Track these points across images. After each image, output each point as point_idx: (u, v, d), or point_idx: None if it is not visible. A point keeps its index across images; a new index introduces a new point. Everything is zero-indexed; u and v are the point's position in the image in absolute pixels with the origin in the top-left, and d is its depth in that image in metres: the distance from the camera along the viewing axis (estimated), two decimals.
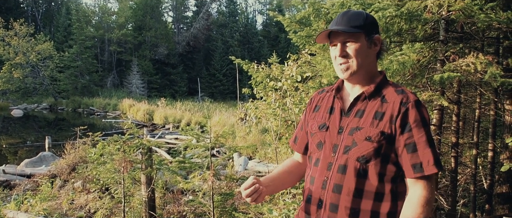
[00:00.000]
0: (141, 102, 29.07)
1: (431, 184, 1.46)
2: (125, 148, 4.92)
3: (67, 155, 8.87)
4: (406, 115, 1.46)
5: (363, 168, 1.48)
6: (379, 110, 1.50)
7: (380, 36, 1.61)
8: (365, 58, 1.55)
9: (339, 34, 1.54)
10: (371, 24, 1.57)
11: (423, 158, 1.44)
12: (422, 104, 1.50)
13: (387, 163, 1.49)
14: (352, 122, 1.53)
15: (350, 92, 1.61)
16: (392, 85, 1.57)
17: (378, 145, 1.46)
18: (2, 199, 7.07)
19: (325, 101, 1.69)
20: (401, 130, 1.46)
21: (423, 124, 1.46)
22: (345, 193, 1.48)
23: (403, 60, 3.08)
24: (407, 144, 1.45)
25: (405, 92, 1.51)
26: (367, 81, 1.58)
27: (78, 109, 33.81)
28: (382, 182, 1.48)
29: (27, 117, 28.07)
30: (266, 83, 4.84)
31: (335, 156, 1.53)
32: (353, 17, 1.54)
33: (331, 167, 1.53)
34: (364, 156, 1.47)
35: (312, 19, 4.21)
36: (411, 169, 1.45)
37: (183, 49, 48.77)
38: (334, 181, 1.51)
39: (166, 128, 20.28)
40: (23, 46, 33.47)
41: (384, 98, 1.52)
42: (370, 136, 1.47)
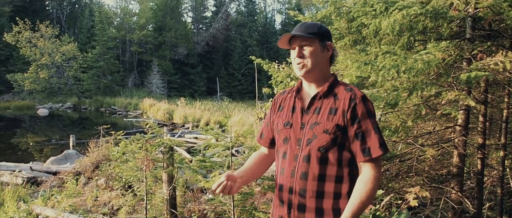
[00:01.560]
0: (161, 101, 29.32)
1: (379, 165, 1.72)
2: (147, 146, 4.93)
3: (91, 153, 8.99)
4: (355, 108, 1.72)
5: (324, 156, 1.73)
6: (333, 106, 1.76)
7: (332, 43, 1.89)
8: (318, 60, 1.82)
9: (297, 39, 1.83)
10: (324, 33, 1.85)
11: (371, 143, 1.70)
12: (368, 99, 1.77)
13: (343, 150, 1.74)
14: (312, 118, 1.79)
15: (308, 91, 1.88)
16: (342, 85, 1.83)
17: (334, 136, 1.72)
18: (30, 195, 7.20)
19: (287, 101, 1.94)
20: (351, 121, 1.72)
21: (369, 115, 1.73)
22: (311, 179, 1.74)
23: (428, 59, 2.98)
24: (357, 133, 1.71)
25: (353, 90, 1.78)
26: (321, 82, 1.84)
27: (101, 108, 34.34)
28: (340, 166, 1.74)
29: (52, 116, 28.65)
30: (286, 83, 4.79)
31: (300, 148, 1.78)
32: (309, 26, 1.84)
33: (297, 158, 1.79)
34: (323, 146, 1.73)
35: (333, 18, 4.14)
36: (361, 153, 1.71)
37: (202, 49, 49.02)
38: (301, 169, 1.77)
39: (185, 127, 20.39)
40: (48, 47, 34.16)
41: (336, 96, 1.78)
42: (327, 128, 1.73)
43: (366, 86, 3.99)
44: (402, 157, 4.30)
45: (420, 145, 3.91)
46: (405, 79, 3.34)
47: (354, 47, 3.93)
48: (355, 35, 3.93)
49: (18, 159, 11.82)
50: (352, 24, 3.81)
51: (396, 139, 3.92)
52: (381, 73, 3.01)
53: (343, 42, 3.95)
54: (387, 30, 3.15)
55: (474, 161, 4.03)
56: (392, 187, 4.22)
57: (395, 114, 3.98)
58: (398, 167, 4.35)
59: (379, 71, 3.04)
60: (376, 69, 3.08)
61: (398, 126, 3.64)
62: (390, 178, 4.31)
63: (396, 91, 3.37)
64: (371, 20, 3.41)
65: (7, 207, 5.86)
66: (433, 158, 4.09)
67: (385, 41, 3.60)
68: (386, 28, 3.15)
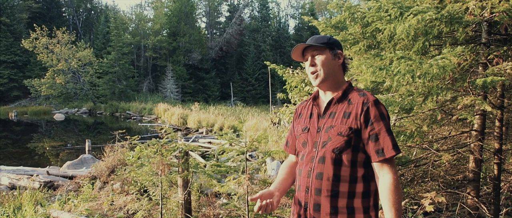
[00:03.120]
0: (175, 106, 29.58)
1: (393, 165, 1.80)
2: (162, 151, 5.00)
3: (106, 158, 9.11)
4: (368, 112, 1.81)
5: (338, 158, 1.82)
6: (347, 110, 1.86)
7: (342, 52, 2.00)
8: (330, 68, 1.93)
9: (309, 49, 1.97)
10: (334, 43, 1.97)
11: (384, 144, 1.78)
12: (380, 103, 1.85)
13: (357, 152, 1.83)
14: (327, 122, 1.90)
15: (323, 99, 2.00)
16: (356, 90, 1.93)
17: (348, 138, 1.81)
18: (47, 199, 7.34)
19: (306, 109, 2.09)
20: (365, 124, 1.81)
21: (381, 118, 1.81)
22: (326, 179, 1.83)
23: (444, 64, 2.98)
24: (371, 135, 1.80)
25: (366, 95, 1.87)
26: (335, 88, 1.96)
27: (116, 113, 34.80)
28: (354, 167, 1.82)
29: (68, 121, 29.13)
30: (301, 88, 4.81)
31: (316, 150, 1.89)
32: (320, 38, 1.97)
33: (313, 159, 1.89)
34: (338, 147, 1.82)
35: (347, 23, 4.16)
36: (375, 154, 1.79)
37: (216, 54, 49.35)
38: (316, 170, 1.86)
39: (199, 132, 20.51)
40: (65, 53, 34.79)
41: (350, 101, 1.89)
42: (341, 131, 1.83)
43: (380, 91, 4.00)
44: (418, 162, 4.28)
45: (436, 150, 3.89)
46: (420, 84, 3.34)
47: (368, 52, 3.94)
48: (369, 40, 3.94)
49: (35, 163, 12.07)
50: (367, 29, 3.83)
51: (411, 144, 3.91)
52: (396, 78, 3.02)
53: (357, 48, 3.96)
54: (402, 35, 3.16)
55: (491, 166, 3.99)
56: (408, 192, 4.21)
57: (410, 119, 3.98)
58: (414, 172, 4.33)
59: (394, 76, 3.05)
60: (391, 74, 3.08)
61: (413, 131, 3.64)
62: (405, 183, 4.30)
63: (411, 96, 3.37)
64: (386, 25, 3.43)
65: (25, 210, 5.99)
66: (449, 163, 4.06)
67: (400, 46, 3.60)
68: (401, 33, 3.16)
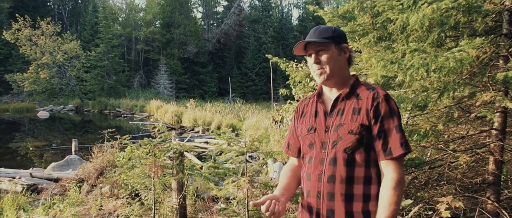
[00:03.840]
0: (169, 103, 29.59)
1: (401, 165, 1.80)
2: (155, 152, 5.00)
3: (95, 159, 9.11)
4: (378, 107, 1.82)
5: (351, 158, 1.82)
6: (356, 106, 1.86)
7: (348, 45, 1.99)
8: (336, 64, 1.93)
9: (313, 45, 1.94)
10: (339, 36, 1.95)
11: (392, 142, 1.79)
12: (391, 98, 1.86)
13: (370, 151, 1.83)
14: (336, 120, 1.89)
15: (329, 95, 1.99)
16: (364, 85, 1.94)
17: (360, 136, 1.81)
18: (30, 203, 7.33)
19: (309, 107, 2.07)
20: (374, 120, 1.81)
21: (392, 114, 1.82)
22: (338, 182, 1.82)
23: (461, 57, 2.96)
24: (379, 132, 1.80)
25: (376, 89, 1.88)
26: (342, 84, 1.96)
27: (105, 110, 34.81)
28: (368, 167, 1.83)
29: (53, 119, 29.14)
30: (305, 83, 4.80)
31: (325, 152, 1.88)
32: (324, 31, 1.94)
33: (323, 161, 1.88)
34: (349, 147, 1.82)
35: (356, 13, 4.15)
36: (382, 152, 1.80)
37: (213, 47, 49.33)
38: (327, 173, 1.85)
39: (195, 130, 20.51)
40: (49, 45, 34.78)
41: (359, 96, 1.89)
42: (352, 129, 1.82)
43: (392, 87, 3.99)
44: (432, 163, 4.27)
45: (452, 151, 3.88)
46: (435, 79, 3.32)
47: (379, 44, 3.93)
48: (380, 31, 3.92)
49: (17, 165, 12.07)
50: (377, 20, 3.81)
51: (426, 144, 3.90)
52: (409, 73, 3.01)
53: (367, 39, 3.95)
54: (416, 25, 3.15)
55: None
56: (421, 196, 4.20)
57: (425, 117, 3.96)
58: (428, 174, 4.32)
59: (407, 71, 3.03)
60: (404, 68, 3.07)
61: (427, 129, 3.62)
62: (419, 186, 4.29)
63: (426, 92, 3.36)
64: (398, 15, 3.41)
65: (6, 216, 5.99)
66: (467, 164, 4.05)
67: (413, 38, 3.59)
68: (414, 23, 3.14)
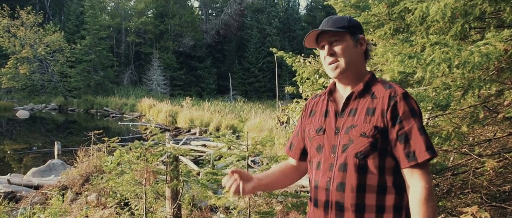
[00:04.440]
0: (163, 102, 29.66)
1: (427, 172, 1.76)
2: (147, 156, 5.02)
3: (80, 164, 9.13)
4: (395, 107, 1.78)
5: (363, 163, 1.79)
6: (370, 106, 1.83)
7: (364, 36, 1.97)
8: (352, 57, 1.91)
9: (326, 36, 1.93)
10: (355, 26, 1.94)
11: (415, 146, 1.74)
12: (410, 96, 1.82)
13: (385, 156, 1.80)
14: (347, 121, 1.86)
15: (342, 93, 1.97)
16: (381, 82, 1.91)
17: (373, 140, 1.78)
18: (8, 213, 7.36)
19: (319, 106, 2.05)
20: (392, 122, 1.78)
21: (412, 114, 1.78)
22: (349, 190, 1.79)
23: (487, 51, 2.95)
24: (399, 135, 1.77)
25: (393, 87, 1.85)
26: (356, 81, 1.93)
27: (91, 109, 34.91)
28: (383, 175, 1.79)
29: (33, 119, 29.23)
30: (314, 80, 4.80)
31: (335, 156, 1.85)
32: (338, 20, 1.93)
33: (332, 167, 1.85)
34: (361, 151, 1.79)
35: (370, 2, 4.15)
36: (405, 158, 1.76)
37: (211, 40, 49.34)
38: (337, 180, 1.82)
39: (191, 132, 20.56)
40: (30, 37, 34.87)
41: (374, 94, 1.86)
42: (364, 131, 1.79)
43: (410, 84, 3.99)
44: (455, 169, 4.27)
45: (478, 155, 3.88)
46: (458, 76, 3.32)
47: (396, 36, 3.93)
48: (397, 22, 3.92)
49: None
50: (394, 9, 3.81)
51: (448, 147, 3.90)
52: (429, 69, 3.00)
53: (382, 31, 3.95)
54: (437, 16, 3.14)
55: None
56: (443, 205, 4.20)
57: (447, 117, 3.96)
58: (451, 181, 4.32)
59: (427, 66, 3.03)
60: (423, 63, 3.07)
61: (450, 132, 3.62)
62: (441, 195, 4.29)
63: (448, 90, 3.35)
64: (417, 4, 3.41)
65: None
66: (494, 171, 4.05)
67: (433, 30, 3.58)
68: (435, 14, 3.14)
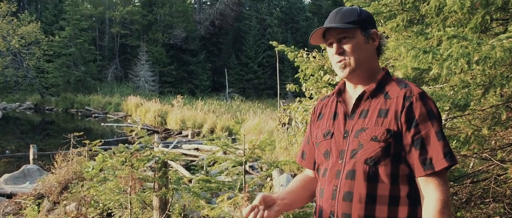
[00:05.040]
0: (151, 100, 29.64)
1: (445, 182, 1.74)
2: (132, 161, 5.03)
3: (58, 170, 9.11)
4: (411, 109, 1.76)
5: (373, 171, 1.78)
6: (383, 107, 1.82)
7: (377, 30, 1.96)
8: (363, 54, 1.90)
9: (333, 32, 1.90)
10: (366, 19, 1.93)
11: (433, 153, 1.72)
12: (428, 97, 1.80)
13: (399, 163, 1.78)
14: (357, 123, 1.86)
15: (352, 94, 1.97)
16: (396, 81, 1.90)
17: (385, 144, 1.76)
18: None
19: (328, 108, 2.06)
20: (407, 125, 1.76)
21: (430, 117, 1.75)
22: (357, 200, 1.78)
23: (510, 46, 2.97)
24: (414, 140, 1.75)
25: (409, 86, 1.83)
26: (369, 80, 1.93)
27: (71, 109, 34.91)
28: (396, 184, 1.77)
29: (6, 119, 29.20)
30: (318, 77, 4.81)
31: (342, 162, 1.85)
32: (347, 13, 1.90)
33: (339, 174, 1.84)
34: (372, 157, 1.78)
35: None
36: (421, 166, 1.74)
37: (206, 31, 49.32)
38: (344, 189, 1.81)
39: (183, 134, 20.58)
40: (2, 28, 34.74)
41: (387, 94, 1.85)
42: (375, 135, 1.78)
43: (426, 82, 3.99)
44: (475, 176, 4.28)
45: (500, 161, 3.89)
46: (478, 73, 3.33)
47: (409, 29, 3.93)
48: (411, 13, 3.93)
49: None
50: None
51: (467, 152, 3.91)
52: (445, 65, 3.01)
53: (394, 23, 3.95)
54: (454, 6, 3.16)
55: None
56: (462, 216, 4.21)
57: (466, 119, 3.97)
58: (470, 190, 4.33)
59: (444, 62, 3.04)
60: (440, 58, 3.08)
61: (469, 134, 3.64)
62: (459, 205, 4.30)
63: (467, 89, 3.36)
64: None
65: None
66: None
67: (451, 21, 3.60)
68: (452, 3, 3.15)
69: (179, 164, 11.97)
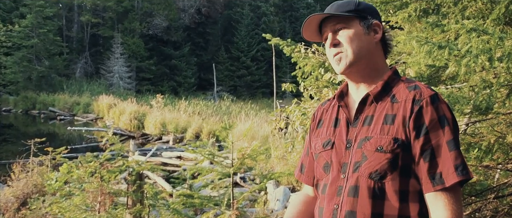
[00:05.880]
0: (127, 100, 29.54)
1: (458, 199, 1.71)
2: (102, 173, 5.02)
3: (15, 182, 9.07)
4: (421, 114, 1.74)
5: (379, 186, 1.75)
6: (389, 112, 1.81)
7: (381, 22, 1.96)
8: (362, 46, 1.88)
9: (328, 24, 1.92)
10: (365, 10, 1.93)
11: (443, 166, 1.70)
12: (441, 99, 1.78)
13: (409, 177, 1.76)
14: (361, 132, 1.84)
15: (354, 96, 1.96)
16: (405, 82, 1.88)
17: (392, 156, 1.74)
18: None
19: (329, 113, 2.04)
20: (415, 133, 1.74)
21: (442, 124, 1.73)
22: None
23: None
24: (424, 151, 1.73)
25: (419, 88, 1.81)
26: (373, 79, 1.91)
27: (32, 110, 34.78)
28: (405, 202, 1.75)
29: None
30: (319, 75, 4.82)
31: (345, 177, 1.83)
32: (343, 4, 1.92)
33: (341, 191, 1.82)
34: (377, 171, 1.75)
35: None
36: (429, 181, 1.71)
37: (191, 20, 49.25)
38: (345, 207, 1.79)
39: (163, 140, 20.53)
40: None
41: (394, 97, 1.83)
42: (381, 145, 1.76)
43: (442, 81, 4.02)
44: (500, 190, 4.30)
45: None
46: (502, 71, 3.35)
47: (423, 20, 3.96)
48: (425, 2, 3.96)
49: None
50: None
51: (490, 162, 3.93)
52: (464, 62, 3.04)
53: (406, 13, 3.98)
54: None
55: None
56: None
57: (488, 124, 3.99)
58: (494, 206, 4.35)
59: (462, 59, 3.06)
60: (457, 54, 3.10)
61: (492, 142, 3.66)
62: None
63: (489, 89, 3.38)
64: None
65: None
66: None
67: (470, 12, 3.62)
68: None
69: (158, 175, 11.94)
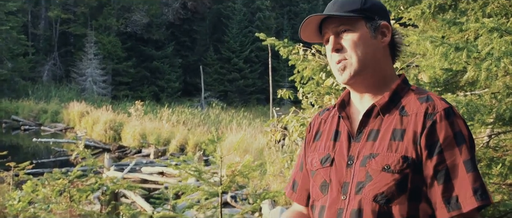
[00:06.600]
0: (101, 108, 29.55)
1: None
2: (72, 192, 5.01)
3: None
4: (434, 130, 1.73)
5: (385, 211, 1.73)
6: (398, 127, 1.79)
7: (389, 23, 1.93)
8: (369, 52, 1.86)
9: (330, 24, 1.89)
10: (372, 9, 1.89)
11: (460, 189, 1.68)
12: (456, 114, 1.78)
13: (419, 201, 1.74)
14: (365, 148, 1.82)
15: (358, 106, 1.95)
16: (415, 92, 1.87)
17: (401, 176, 1.72)
18: None
19: (328, 124, 2.03)
20: (428, 152, 1.72)
21: (459, 141, 1.71)
22: None
23: None
24: (438, 171, 1.71)
25: (432, 99, 1.80)
26: (379, 89, 1.89)
27: None
28: None
29: None
30: (319, 80, 4.84)
31: (346, 199, 1.80)
32: (348, 2, 1.88)
33: (341, 214, 1.80)
34: (383, 193, 1.73)
35: None
36: (444, 205, 1.69)
37: (175, 16, 49.28)
38: None
39: (143, 153, 20.51)
40: None
41: (404, 110, 1.82)
42: (388, 164, 1.74)
43: (460, 87, 4.03)
44: None
45: None
46: None
47: (438, 17, 3.98)
48: None
49: None
50: None
51: None
52: (484, 65, 3.05)
53: (419, 10, 3.99)
54: None
55: None
56: None
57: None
58: None
59: (482, 62, 3.08)
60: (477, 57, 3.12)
61: None
62: None
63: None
64: None
65: None
66: None
67: (492, 9, 3.64)
68: None
69: (136, 194, 11.92)
